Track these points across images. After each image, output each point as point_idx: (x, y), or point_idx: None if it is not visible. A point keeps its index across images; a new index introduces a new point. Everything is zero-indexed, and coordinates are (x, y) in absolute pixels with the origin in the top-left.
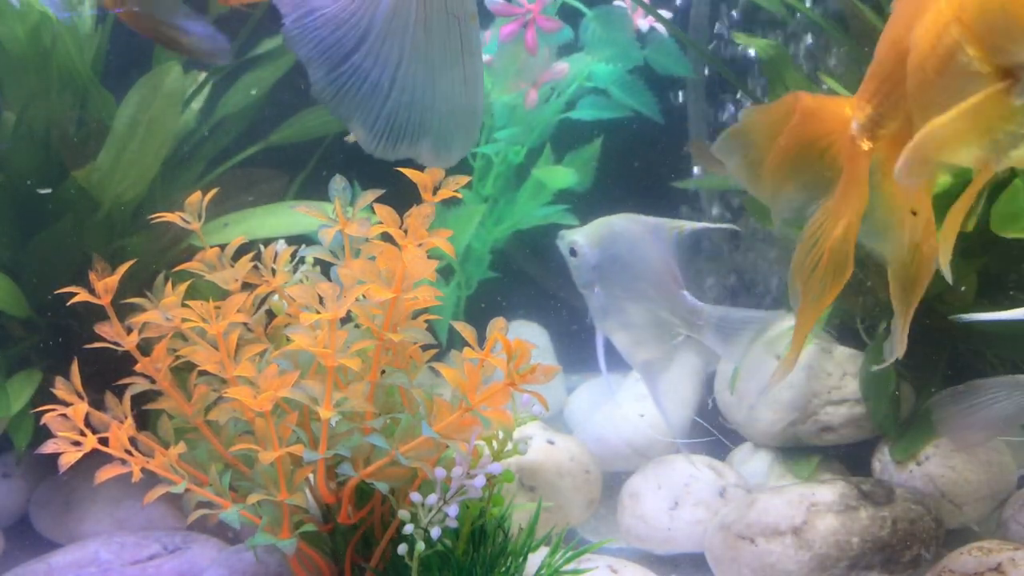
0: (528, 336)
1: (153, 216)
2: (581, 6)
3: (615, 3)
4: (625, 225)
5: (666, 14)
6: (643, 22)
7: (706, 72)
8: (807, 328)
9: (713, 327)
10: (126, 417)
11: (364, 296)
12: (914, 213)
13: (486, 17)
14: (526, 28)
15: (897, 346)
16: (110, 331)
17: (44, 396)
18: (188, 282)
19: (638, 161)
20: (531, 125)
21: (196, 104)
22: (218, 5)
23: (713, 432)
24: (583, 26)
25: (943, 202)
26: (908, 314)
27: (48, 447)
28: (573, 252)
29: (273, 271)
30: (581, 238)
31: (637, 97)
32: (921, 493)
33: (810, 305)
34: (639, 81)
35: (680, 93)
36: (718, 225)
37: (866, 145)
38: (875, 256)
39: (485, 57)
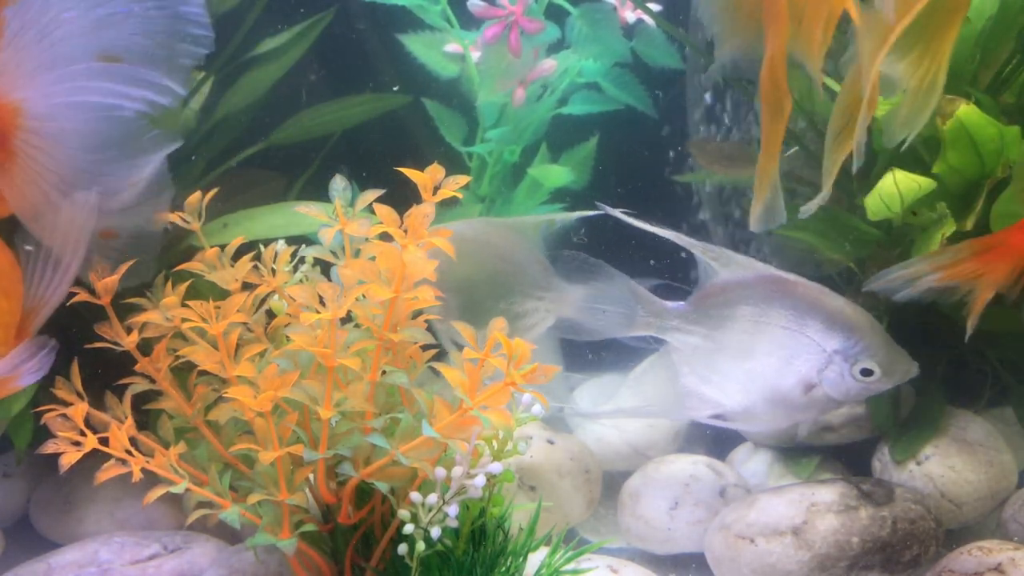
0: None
1: None
2: (567, 4)
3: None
4: (480, 228)
5: (655, 7)
6: (631, 15)
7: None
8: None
9: (574, 305)
10: (126, 417)
11: (364, 296)
12: (914, 213)
13: (472, 20)
14: (509, 30)
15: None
16: (110, 331)
17: (44, 396)
18: (188, 282)
19: (635, 159)
20: (521, 124)
21: (196, 104)
22: (217, 3)
23: None
24: (569, 24)
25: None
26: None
27: (48, 447)
28: None
29: (273, 271)
30: None
31: (628, 91)
32: (921, 493)
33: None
34: (630, 75)
35: (681, 91)
36: (589, 212)
37: None
38: (876, 257)
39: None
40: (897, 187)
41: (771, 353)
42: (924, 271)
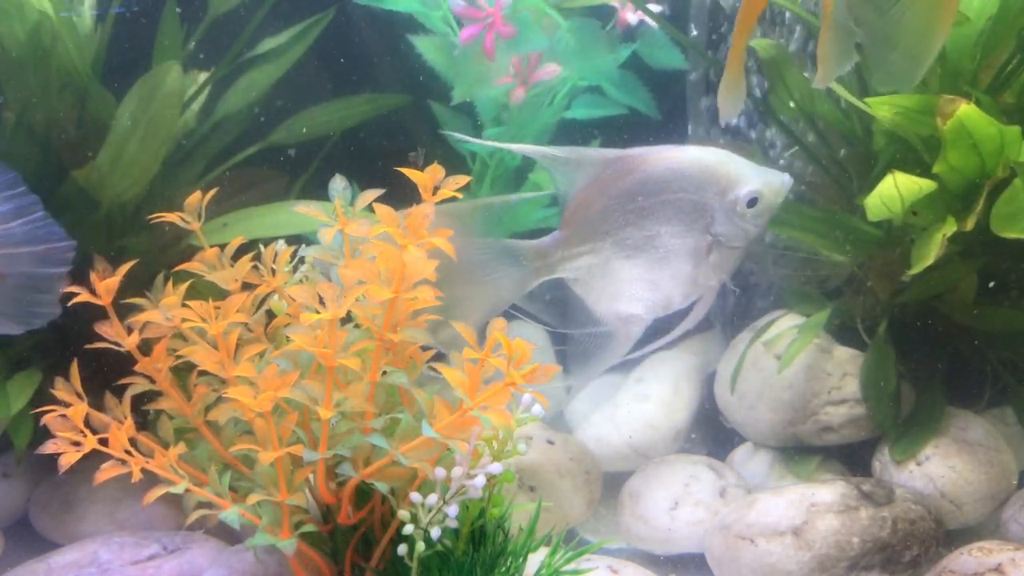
0: (528, 336)
1: (153, 216)
2: (556, 15)
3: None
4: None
5: (655, 8)
6: (632, 16)
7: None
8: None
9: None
10: (126, 417)
11: (364, 296)
12: (915, 213)
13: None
14: (486, 32)
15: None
16: (110, 331)
17: (44, 396)
18: (188, 282)
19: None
20: (522, 126)
21: (196, 104)
22: (217, 3)
23: None
24: (556, 37)
25: (928, 203)
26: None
27: (48, 447)
28: None
29: (273, 271)
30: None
31: (632, 94)
32: (921, 493)
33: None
34: (634, 78)
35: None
36: (533, 194)
37: None
38: (876, 258)
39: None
40: (897, 189)
41: (657, 235)
42: None
